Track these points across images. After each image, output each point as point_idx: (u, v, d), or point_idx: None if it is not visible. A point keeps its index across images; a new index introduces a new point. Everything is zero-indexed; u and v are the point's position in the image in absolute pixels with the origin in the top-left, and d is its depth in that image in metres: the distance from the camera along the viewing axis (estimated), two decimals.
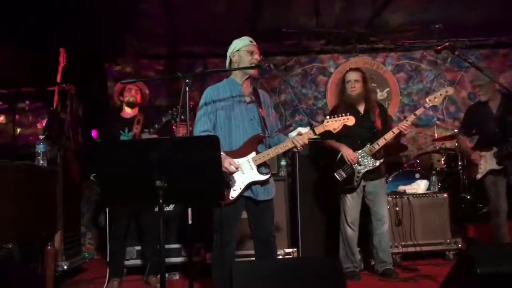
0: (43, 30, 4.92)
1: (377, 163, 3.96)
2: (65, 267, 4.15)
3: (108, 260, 4.07)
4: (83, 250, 5.14)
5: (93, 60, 5.99)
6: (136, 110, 4.24)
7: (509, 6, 6.13)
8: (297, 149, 3.10)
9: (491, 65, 6.69)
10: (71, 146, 4.43)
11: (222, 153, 2.93)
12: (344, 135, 3.87)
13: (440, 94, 3.84)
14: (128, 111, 4.24)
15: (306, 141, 3.08)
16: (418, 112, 3.96)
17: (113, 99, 4.37)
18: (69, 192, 4.49)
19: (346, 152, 3.97)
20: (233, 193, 2.99)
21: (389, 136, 3.91)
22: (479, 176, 4.21)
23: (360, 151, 3.98)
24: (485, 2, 6.08)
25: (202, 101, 3.13)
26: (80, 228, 5.09)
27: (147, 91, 4.34)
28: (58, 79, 4.37)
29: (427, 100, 3.91)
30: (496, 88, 4.14)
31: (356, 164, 3.96)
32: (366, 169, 3.96)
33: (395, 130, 3.88)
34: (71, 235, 4.52)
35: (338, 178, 4.01)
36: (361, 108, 4.11)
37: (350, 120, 3.18)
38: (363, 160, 3.97)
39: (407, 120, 3.89)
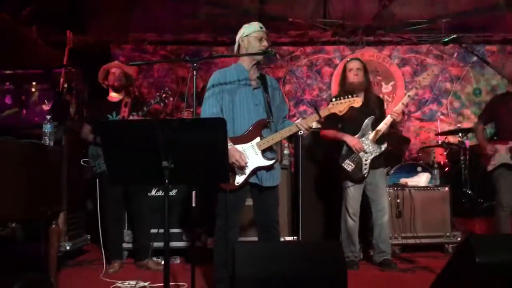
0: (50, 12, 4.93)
1: (382, 148, 3.94)
2: (68, 248, 4.19)
3: (103, 242, 4.04)
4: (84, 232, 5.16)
5: (99, 43, 6.00)
6: (122, 93, 4.23)
7: None
8: (302, 133, 3.06)
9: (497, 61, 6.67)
10: (76, 129, 4.44)
11: (231, 144, 2.94)
12: (346, 123, 3.90)
13: (428, 74, 3.96)
14: (114, 95, 4.22)
15: (311, 124, 3.06)
16: (411, 93, 3.99)
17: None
18: (73, 174, 4.51)
19: (352, 141, 3.90)
20: (238, 179, 2.99)
21: (388, 120, 3.90)
22: (490, 167, 4.20)
23: (363, 138, 3.95)
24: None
25: (209, 84, 3.13)
26: (83, 210, 5.11)
27: (130, 71, 4.27)
28: (65, 61, 4.39)
29: (416, 80, 4.01)
30: None
31: (362, 152, 3.93)
32: (372, 156, 3.93)
33: (393, 115, 3.89)
34: (74, 216, 4.55)
35: (347, 169, 3.92)
36: (361, 98, 4.11)
37: (357, 102, 3.14)
38: (368, 147, 3.93)
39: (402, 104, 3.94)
